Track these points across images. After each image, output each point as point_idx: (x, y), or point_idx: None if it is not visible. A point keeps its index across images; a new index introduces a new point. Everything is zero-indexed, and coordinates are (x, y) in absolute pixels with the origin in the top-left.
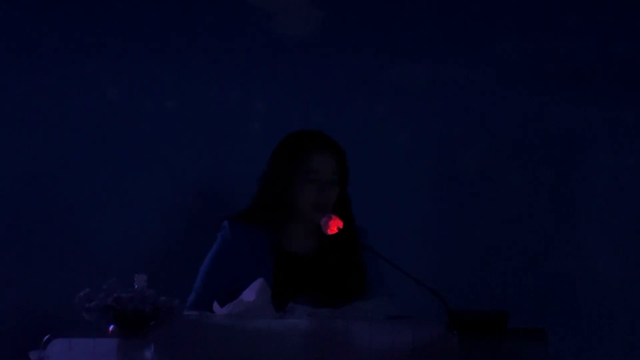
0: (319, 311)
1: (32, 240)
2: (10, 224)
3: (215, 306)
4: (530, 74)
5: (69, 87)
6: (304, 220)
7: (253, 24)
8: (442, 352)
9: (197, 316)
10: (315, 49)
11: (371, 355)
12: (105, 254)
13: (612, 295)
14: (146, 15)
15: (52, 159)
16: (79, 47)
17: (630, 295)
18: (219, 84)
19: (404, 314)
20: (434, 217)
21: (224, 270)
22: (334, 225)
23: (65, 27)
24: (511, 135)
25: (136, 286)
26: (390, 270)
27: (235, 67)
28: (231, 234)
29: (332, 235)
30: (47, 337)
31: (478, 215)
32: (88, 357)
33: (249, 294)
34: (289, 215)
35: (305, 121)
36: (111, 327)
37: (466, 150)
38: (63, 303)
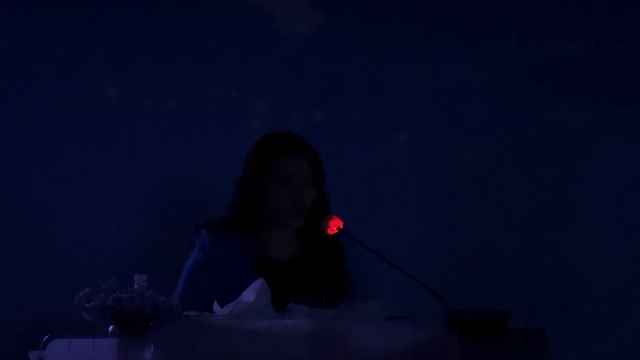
0: (319, 311)
1: (31, 240)
2: (9, 224)
3: (215, 306)
4: (530, 74)
5: (69, 87)
6: (281, 226)
7: (253, 24)
8: (442, 352)
9: (197, 316)
10: (315, 49)
11: (371, 355)
12: (104, 254)
13: (612, 295)
14: (146, 15)
15: (51, 158)
16: (79, 47)
17: (630, 295)
18: (219, 84)
19: (404, 314)
20: (434, 217)
21: (204, 279)
22: (334, 225)
23: (65, 26)
24: (511, 135)
25: (136, 286)
26: (390, 270)
27: (235, 67)
28: (209, 243)
29: (311, 238)
30: (46, 337)
31: (478, 215)
32: (88, 357)
33: (249, 294)
34: (266, 221)
35: (306, 121)
36: (111, 327)
37: (466, 150)
38: (63, 303)
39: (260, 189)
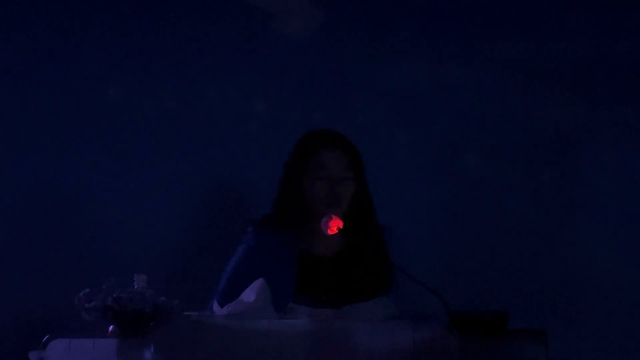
0: (319, 312)
1: (32, 241)
2: (11, 224)
3: (215, 306)
4: (530, 74)
5: (69, 87)
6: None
7: (253, 24)
8: (442, 352)
9: (197, 316)
10: (315, 49)
11: (371, 355)
12: (105, 254)
13: (612, 295)
14: (146, 15)
15: (52, 159)
16: (79, 47)
17: (630, 295)
18: (219, 84)
19: (404, 314)
20: (434, 217)
21: (248, 275)
22: (334, 225)
23: (65, 26)
24: (511, 135)
25: (136, 286)
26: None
27: (235, 67)
28: (254, 240)
29: (354, 235)
30: (46, 337)
31: (478, 215)
32: (88, 357)
33: (249, 295)
34: (308, 217)
35: (306, 121)
36: (111, 327)
37: (466, 150)
38: (63, 303)
39: (299, 184)
